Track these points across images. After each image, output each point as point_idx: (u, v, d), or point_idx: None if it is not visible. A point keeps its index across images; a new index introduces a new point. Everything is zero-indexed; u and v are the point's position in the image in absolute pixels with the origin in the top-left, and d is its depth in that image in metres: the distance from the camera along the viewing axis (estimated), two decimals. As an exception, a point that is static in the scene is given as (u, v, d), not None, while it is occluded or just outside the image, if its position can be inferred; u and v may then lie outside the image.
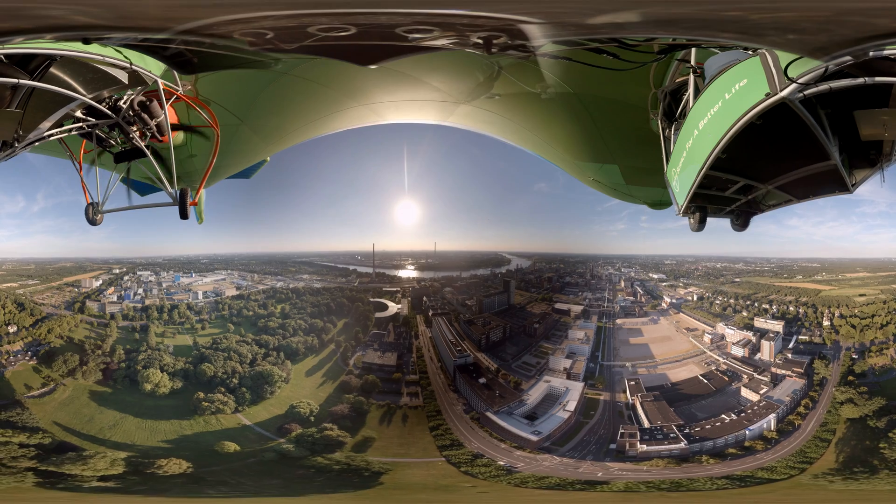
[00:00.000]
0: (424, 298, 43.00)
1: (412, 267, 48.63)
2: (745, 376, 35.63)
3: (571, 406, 34.43)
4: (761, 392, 33.85)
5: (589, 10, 6.66)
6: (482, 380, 36.46)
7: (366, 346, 38.28)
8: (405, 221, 44.69)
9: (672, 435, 31.39)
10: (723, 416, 32.73)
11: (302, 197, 43.01)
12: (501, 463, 29.74)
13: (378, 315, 41.12)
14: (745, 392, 34.44)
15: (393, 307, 41.93)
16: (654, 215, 48.76)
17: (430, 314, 41.23)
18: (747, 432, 31.22)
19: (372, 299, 42.44)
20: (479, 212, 47.06)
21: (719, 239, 47.76)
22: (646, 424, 32.51)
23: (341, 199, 46.29)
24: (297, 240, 47.03)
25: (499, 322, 41.51)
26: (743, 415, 32.65)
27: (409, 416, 33.06)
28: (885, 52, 7.53)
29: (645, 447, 30.63)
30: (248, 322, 40.12)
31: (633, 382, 35.95)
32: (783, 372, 34.68)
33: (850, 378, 32.76)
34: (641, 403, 33.96)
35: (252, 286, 44.85)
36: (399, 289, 44.17)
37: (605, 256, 46.27)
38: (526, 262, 48.06)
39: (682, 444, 30.63)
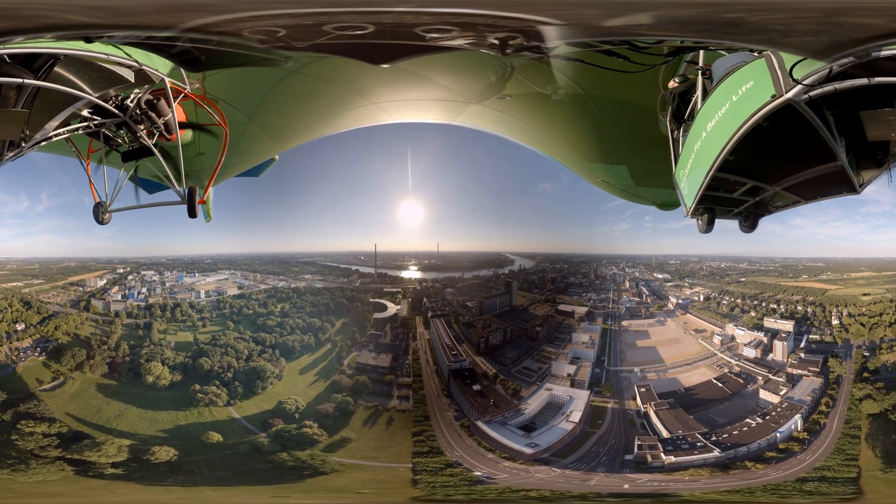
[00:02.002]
0: (424, 299, 42.47)
1: (415, 267, 48.34)
2: (760, 378, 34.50)
3: (576, 416, 32.73)
4: (781, 393, 32.86)
5: (606, 13, 6.69)
6: (476, 387, 34.93)
7: (362, 347, 37.88)
8: (409, 222, 44.45)
9: (699, 444, 30.13)
10: (747, 420, 31.53)
11: (306, 197, 42.81)
12: (477, 473, 28.61)
13: (377, 316, 40.68)
14: (763, 394, 33.42)
15: (392, 308, 41.56)
16: (657, 215, 48.34)
17: (429, 315, 40.52)
18: (778, 435, 30.30)
19: (372, 300, 42.19)
20: (483, 212, 46.70)
21: (722, 239, 47.35)
22: (665, 434, 30.97)
23: (345, 200, 46.06)
24: (301, 240, 46.86)
25: (499, 324, 40.28)
26: (768, 417, 31.58)
27: (395, 419, 32.52)
28: (887, 53, 7.56)
29: (673, 458, 29.26)
30: (247, 320, 40.21)
31: (643, 389, 34.27)
32: (799, 372, 33.88)
33: (866, 375, 32.67)
34: (656, 412, 32.39)
35: (254, 286, 44.83)
36: (400, 289, 43.89)
37: (609, 256, 45.81)
38: (529, 263, 47.71)
39: (716, 452, 29.46)
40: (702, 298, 42.72)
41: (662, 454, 29.60)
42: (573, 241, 46.06)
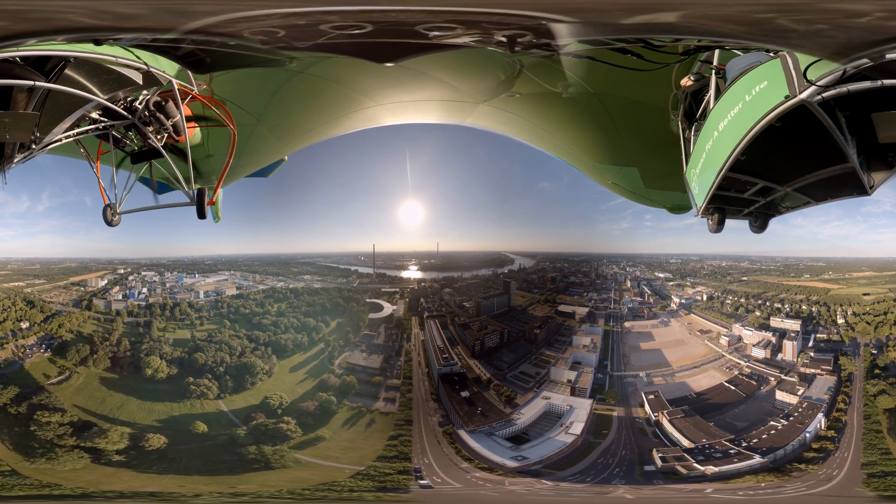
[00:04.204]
0: (422, 300, 42.32)
1: (415, 267, 48.29)
2: (773, 379, 34.00)
3: (577, 428, 31.22)
4: (799, 393, 32.44)
5: (627, 10, 6.66)
6: (465, 393, 33.83)
7: (354, 347, 37.82)
8: (409, 222, 44.51)
9: (732, 451, 29.18)
10: (772, 423, 30.93)
11: (308, 199, 42.97)
12: (423, 482, 28.04)
13: (373, 316, 40.47)
14: (779, 395, 32.89)
15: (388, 308, 41.46)
16: (657, 214, 48.54)
17: (424, 316, 39.92)
18: (807, 435, 29.91)
19: (368, 300, 42.15)
20: (483, 211, 46.77)
21: (722, 237, 47.14)
22: (686, 443, 29.90)
23: (347, 201, 46.15)
24: (302, 241, 46.96)
25: (496, 326, 39.68)
26: (792, 418, 31.07)
27: (377, 421, 32.63)
28: None
29: (713, 467, 28.10)
30: (243, 319, 40.67)
31: (651, 396, 33.05)
32: (813, 371, 33.59)
33: (877, 371, 33.13)
34: (670, 420, 31.18)
35: (253, 286, 45.06)
36: (398, 289, 43.83)
37: (610, 255, 45.62)
38: (529, 262, 47.69)
39: (758, 458, 28.48)
40: (705, 298, 42.46)
41: (696, 464, 28.65)
42: (574, 240, 46.06)
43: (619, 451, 30.41)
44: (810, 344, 35.83)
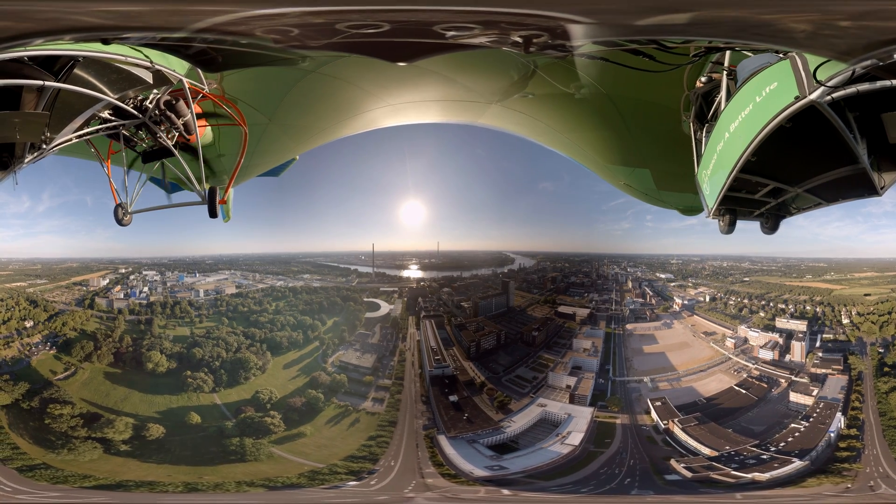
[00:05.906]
0: (419, 299, 42.12)
1: (415, 267, 48.12)
2: (783, 381, 32.97)
3: (575, 439, 29.74)
4: (813, 394, 31.56)
5: (640, 12, 6.69)
6: (453, 397, 32.78)
7: (349, 346, 37.75)
8: (409, 221, 44.39)
9: (764, 456, 27.99)
10: (792, 424, 29.92)
11: (312, 198, 42.96)
12: (351, 483, 27.23)
13: (369, 315, 40.29)
14: (793, 396, 31.97)
15: (385, 307, 41.31)
16: (658, 215, 48.33)
17: (421, 316, 38.88)
18: (831, 435, 28.91)
19: (366, 299, 42.08)
20: (484, 211, 46.61)
21: (722, 237, 47.22)
22: (705, 451, 28.76)
23: (346, 201, 46.09)
24: (304, 240, 46.84)
25: (493, 328, 38.39)
26: (812, 419, 30.24)
27: (361, 421, 32.15)
28: None
29: (761, 474, 26.78)
30: (241, 317, 40.86)
31: (658, 403, 31.81)
32: (824, 371, 32.88)
33: (886, 369, 32.78)
34: (683, 428, 29.95)
35: (252, 285, 45.10)
36: (396, 289, 43.71)
37: (611, 255, 45.36)
38: (530, 262, 47.55)
39: (796, 462, 27.45)
40: (707, 299, 41.61)
41: (737, 471, 27.26)
42: (574, 239, 45.82)
43: (627, 461, 29.10)
44: (818, 344, 35.52)
